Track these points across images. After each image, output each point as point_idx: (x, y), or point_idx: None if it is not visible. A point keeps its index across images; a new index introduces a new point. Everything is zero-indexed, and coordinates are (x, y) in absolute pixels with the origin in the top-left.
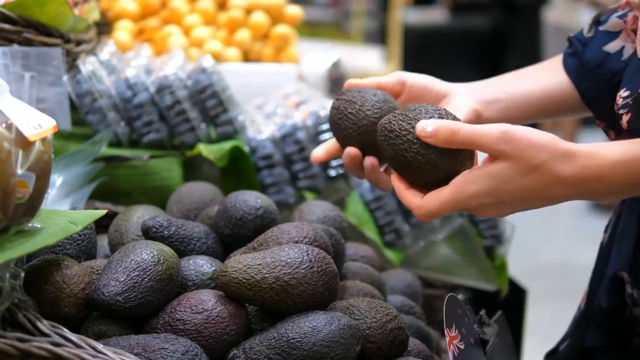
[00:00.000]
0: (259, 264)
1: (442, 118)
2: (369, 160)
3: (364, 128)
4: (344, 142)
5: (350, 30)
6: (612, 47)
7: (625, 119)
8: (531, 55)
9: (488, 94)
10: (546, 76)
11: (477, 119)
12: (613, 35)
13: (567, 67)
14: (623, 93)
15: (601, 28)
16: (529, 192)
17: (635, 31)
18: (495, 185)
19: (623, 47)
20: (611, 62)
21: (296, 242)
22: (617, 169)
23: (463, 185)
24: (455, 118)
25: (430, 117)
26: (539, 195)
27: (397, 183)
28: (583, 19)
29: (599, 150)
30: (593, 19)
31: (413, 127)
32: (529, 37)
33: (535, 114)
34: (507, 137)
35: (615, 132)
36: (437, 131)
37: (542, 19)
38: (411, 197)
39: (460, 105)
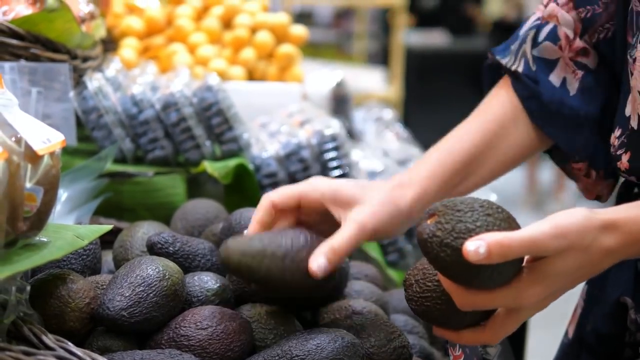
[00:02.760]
0: (261, 235)
1: (489, 229)
2: None
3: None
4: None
5: (352, 51)
6: (554, 79)
7: (625, 158)
8: None
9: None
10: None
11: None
12: (550, 63)
13: (532, 114)
14: (616, 132)
15: (535, 53)
16: (581, 273)
17: (573, 60)
18: (552, 284)
19: (565, 79)
20: (569, 100)
21: None
22: None
23: (522, 291)
24: (503, 217)
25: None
26: (590, 272)
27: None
28: None
29: (638, 213)
30: (530, 38)
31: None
32: None
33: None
34: (560, 232)
35: (597, 169)
36: (489, 251)
37: None
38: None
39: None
